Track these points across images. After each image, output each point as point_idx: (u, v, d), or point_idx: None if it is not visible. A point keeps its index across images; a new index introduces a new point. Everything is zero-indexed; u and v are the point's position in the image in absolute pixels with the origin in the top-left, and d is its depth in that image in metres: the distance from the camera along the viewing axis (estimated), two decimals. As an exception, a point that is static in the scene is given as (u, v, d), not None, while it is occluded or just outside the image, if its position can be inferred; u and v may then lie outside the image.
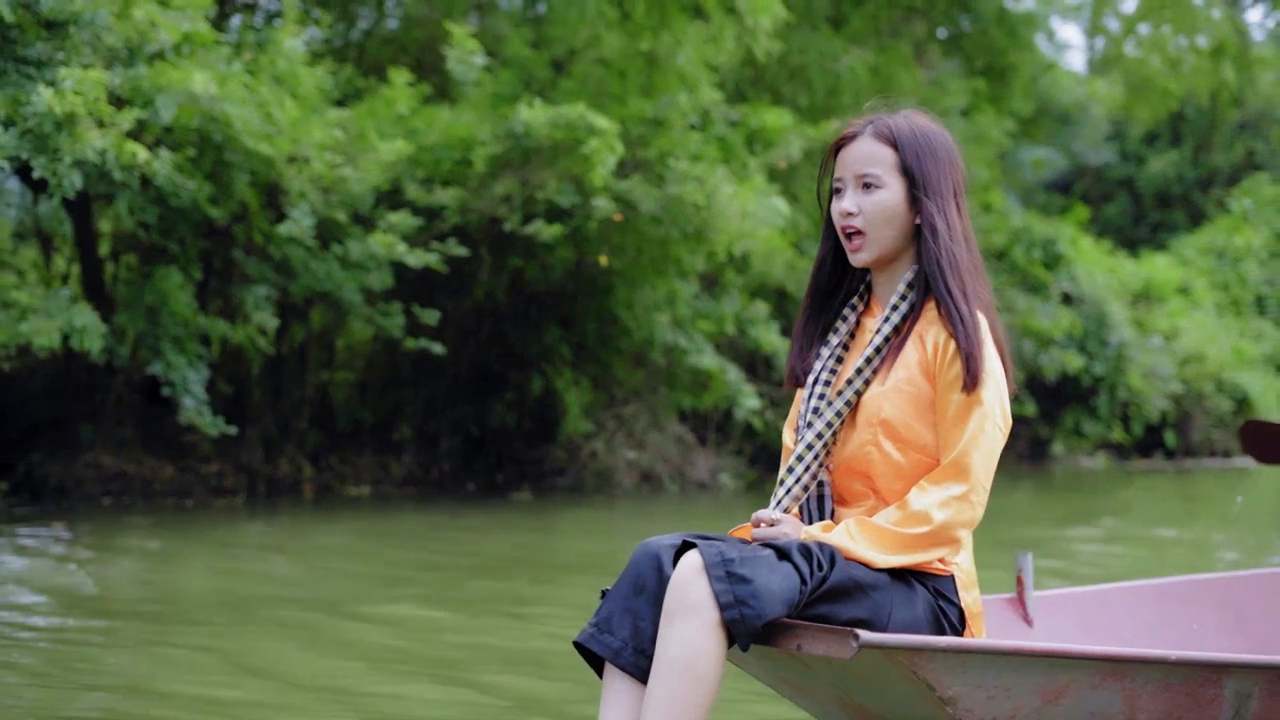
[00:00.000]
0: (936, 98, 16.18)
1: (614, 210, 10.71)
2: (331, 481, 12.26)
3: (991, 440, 2.85)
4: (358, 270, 10.38)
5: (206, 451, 11.63)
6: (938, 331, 2.90)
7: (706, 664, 2.64)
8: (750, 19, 11.34)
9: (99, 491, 11.09)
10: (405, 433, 12.83)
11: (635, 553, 2.81)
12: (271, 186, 10.36)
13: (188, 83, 8.86)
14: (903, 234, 2.96)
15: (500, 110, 11.04)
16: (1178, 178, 30.12)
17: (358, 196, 10.43)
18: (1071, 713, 2.82)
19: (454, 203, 10.77)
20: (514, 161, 10.86)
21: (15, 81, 8.64)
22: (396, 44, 13.81)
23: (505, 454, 13.31)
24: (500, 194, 10.82)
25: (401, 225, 10.42)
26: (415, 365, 12.66)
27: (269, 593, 6.69)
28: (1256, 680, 2.94)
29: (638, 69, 12.34)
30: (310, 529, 9.72)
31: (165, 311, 9.92)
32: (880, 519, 2.84)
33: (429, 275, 11.37)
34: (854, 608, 2.77)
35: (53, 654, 5.05)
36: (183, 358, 9.90)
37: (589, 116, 10.50)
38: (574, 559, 8.40)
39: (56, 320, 8.92)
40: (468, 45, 11.05)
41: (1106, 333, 18.42)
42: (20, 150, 8.27)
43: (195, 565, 7.60)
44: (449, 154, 10.86)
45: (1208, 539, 9.53)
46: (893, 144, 2.93)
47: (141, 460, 11.57)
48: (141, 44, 9.21)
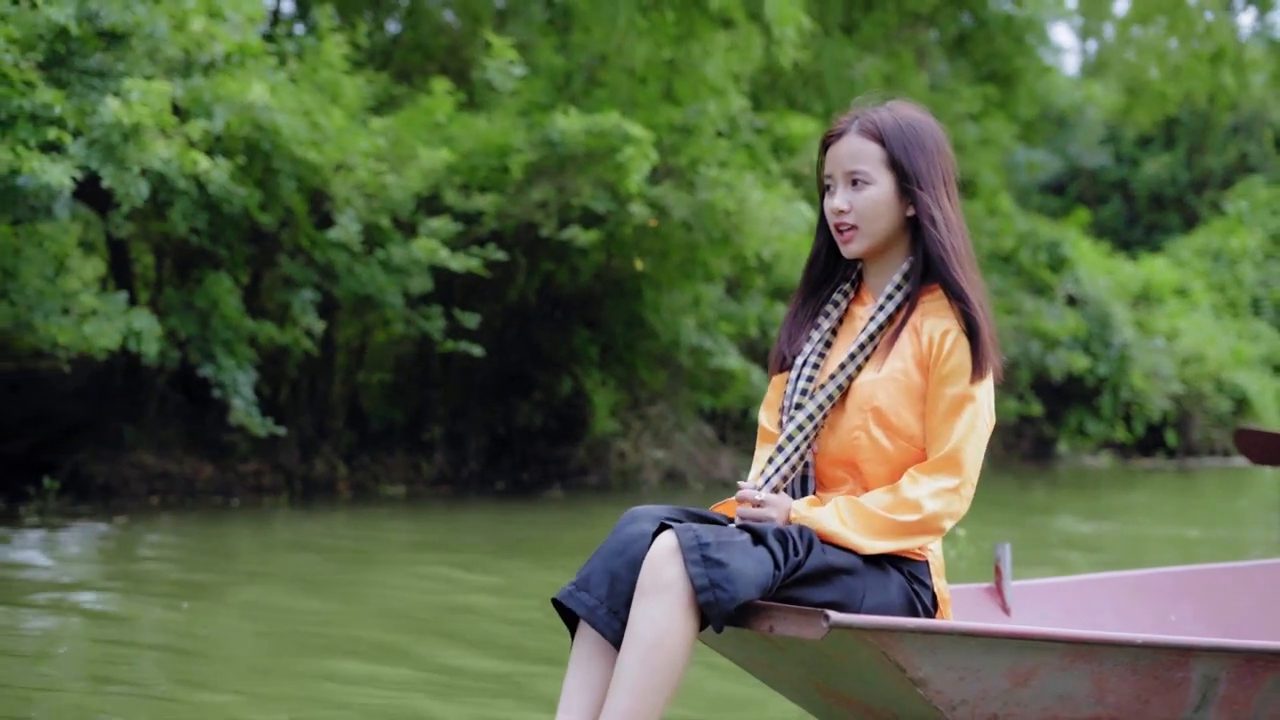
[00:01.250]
0: (946, 104, 16.52)
1: (650, 216, 11.01)
2: (366, 481, 12.53)
3: (982, 436, 2.91)
4: (400, 274, 10.65)
5: (245, 451, 11.89)
6: (934, 324, 2.94)
7: (675, 642, 2.68)
8: (777, 29, 11.65)
9: (144, 490, 11.35)
10: (435, 433, 13.11)
11: (622, 518, 2.87)
12: (316, 193, 10.64)
13: (245, 93, 9.13)
14: (894, 225, 2.99)
15: (537, 118, 11.32)
16: (1171, 180, 30.55)
17: (399, 203, 10.71)
18: (1041, 694, 2.85)
19: (492, 208, 11.06)
20: (550, 168, 11.15)
21: (80, 93, 8.91)
22: (423, 51, 14.08)
23: (530, 453, 13.60)
24: (537, 200, 11.11)
25: (442, 231, 10.71)
26: (445, 366, 12.94)
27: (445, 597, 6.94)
28: (1223, 664, 2.97)
29: (659, 76, 12.64)
30: (394, 525, 10.01)
31: (215, 315, 10.19)
32: (870, 502, 2.88)
33: (463, 279, 11.65)
34: (828, 591, 2.81)
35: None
36: (232, 360, 10.16)
37: (624, 125, 10.79)
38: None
39: (117, 324, 9.18)
40: (507, 55, 11.32)
41: (1110, 334, 18.78)
42: (89, 160, 8.53)
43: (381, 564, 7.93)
44: (486, 161, 11.13)
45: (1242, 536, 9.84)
46: (879, 139, 2.96)
47: (183, 460, 11.84)
48: (197, 55, 9.47)
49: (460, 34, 14.19)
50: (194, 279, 10.42)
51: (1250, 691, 3.02)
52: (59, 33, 8.82)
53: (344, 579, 7.20)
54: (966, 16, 18.37)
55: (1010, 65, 18.21)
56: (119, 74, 9.12)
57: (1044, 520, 11.11)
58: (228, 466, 11.91)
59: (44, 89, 8.48)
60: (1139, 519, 11.70)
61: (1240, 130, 30.39)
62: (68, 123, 8.56)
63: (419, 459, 13.07)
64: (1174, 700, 2.96)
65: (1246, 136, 30.35)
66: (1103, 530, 10.41)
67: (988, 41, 18.26)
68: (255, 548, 8.70)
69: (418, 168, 10.58)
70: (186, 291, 10.32)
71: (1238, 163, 30.27)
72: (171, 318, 10.22)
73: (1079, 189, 31.27)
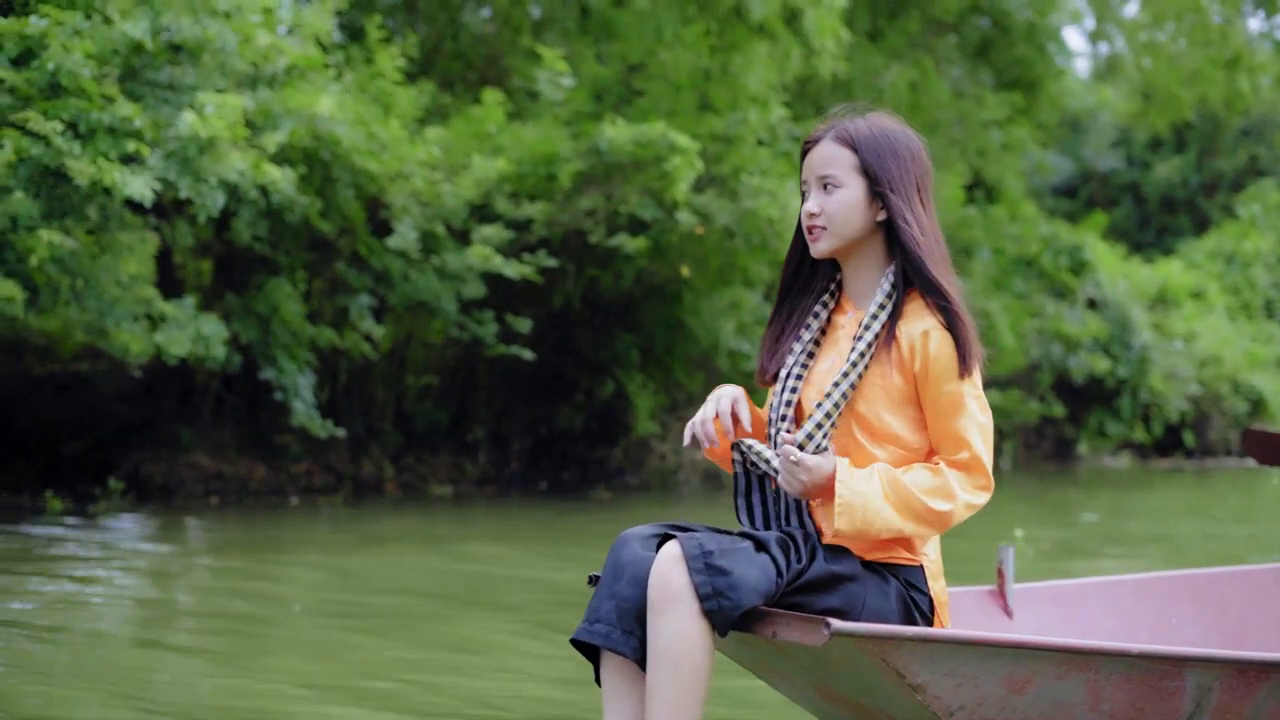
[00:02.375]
0: (973, 110, 16.80)
1: (696, 223, 11.29)
2: (413, 481, 12.82)
3: (988, 429, 2.95)
4: (454, 280, 10.94)
5: (297, 452, 12.18)
6: (912, 326, 2.97)
7: (696, 649, 2.75)
8: (817, 40, 11.93)
9: (200, 491, 11.63)
10: (478, 434, 13.40)
11: (613, 545, 2.93)
12: (371, 200, 10.92)
13: (314, 106, 9.41)
14: (864, 228, 3.03)
15: (585, 128, 11.61)
16: (1182, 183, 30.83)
17: (452, 211, 10.99)
18: (1037, 702, 2.90)
19: (541, 216, 11.34)
20: (597, 177, 11.43)
21: (152, 106, 9.20)
22: (464, 60, 14.35)
23: (569, 454, 13.89)
24: (585, 208, 11.39)
25: (494, 238, 10.99)
26: (489, 369, 13.22)
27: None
28: (1216, 673, 3.01)
29: (693, 85, 12.92)
30: (482, 522, 10.33)
31: (276, 320, 10.47)
32: (910, 481, 2.91)
33: (509, 285, 11.93)
34: (830, 598, 2.87)
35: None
36: (293, 364, 10.45)
37: (670, 134, 11.08)
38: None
39: (187, 330, 9.46)
40: (557, 66, 11.60)
41: (1129, 336, 19.07)
42: (166, 172, 8.81)
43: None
44: (535, 170, 11.41)
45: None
46: (852, 146, 3.01)
47: (236, 461, 12.13)
48: (263, 68, 9.75)
49: (498, 43, 14.45)
50: (254, 285, 10.70)
51: (1243, 701, 3.06)
52: (134, 47, 9.11)
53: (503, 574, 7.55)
54: (985, 22, 18.66)
55: (1032, 72, 18.48)
56: (189, 87, 9.40)
57: (1090, 518, 11.39)
58: (280, 467, 12.19)
59: (123, 103, 8.77)
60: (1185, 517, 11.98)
61: (1250, 133, 30.68)
62: (145, 135, 8.84)
63: (463, 459, 13.36)
64: (1168, 708, 2.99)
65: (1257, 139, 30.64)
66: (1150, 528, 10.69)
67: (1009, 48, 18.54)
68: (356, 542, 8.99)
69: (471, 177, 10.86)
70: (248, 297, 10.59)
71: (1248, 166, 30.56)
72: (234, 323, 10.50)
73: (1090, 192, 31.55)
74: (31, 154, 8.54)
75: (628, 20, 13.15)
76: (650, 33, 12.12)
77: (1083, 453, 19.73)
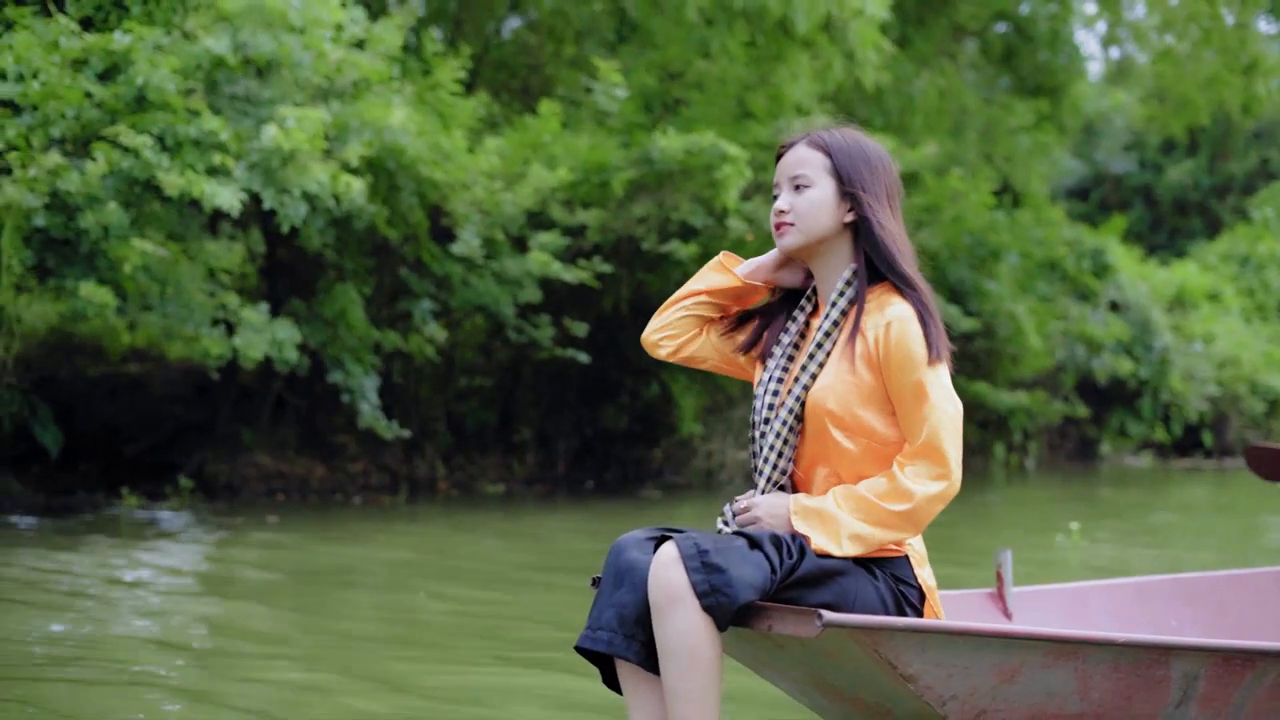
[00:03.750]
0: (1000, 117, 17.15)
1: (747, 230, 11.65)
2: (465, 480, 13.18)
3: (953, 418, 2.97)
4: (512, 285, 11.29)
5: (354, 452, 12.54)
6: (876, 320, 3.03)
7: (703, 644, 2.83)
8: (859, 52, 12.29)
9: (263, 490, 11.98)
10: (525, 435, 13.76)
11: (610, 552, 3.00)
12: (433, 208, 11.28)
13: (387, 118, 9.76)
14: (832, 228, 3.09)
15: (637, 137, 11.96)
16: (1194, 185, 31.21)
17: (510, 218, 11.34)
18: (1027, 690, 2.94)
19: (595, 223, 11.70)
20: (649, 185, 11.79)
21: (233, 119, 9.55)
22: (507, 69, 14.71)
23: (612, 454, 14.25)
24: (638, 215, 11.75)
25: (551, 244, 11.35)
26: (536, 371, 13.58)
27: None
28: (1202, 662, 3.07)
29: (731, 94, 13.28)
30: (564, 519, 10.69)
31: (342, 324, 10.83)
32: (867, 490, 2.98)
33: (562, 289, 12.28)
34: (822, 593, 2.93)
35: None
36: (359, 367, 10.80)
37: (720, 144, 11.43)
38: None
39: (264, 335, 9.80)
40: (613, 79, 11.96)
41: (1150, 338, 19.44)
42: (250, 183, 9.17)
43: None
44: (590, 178, 11.77)
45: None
46: (825, 150, 3.09)
47: (295, 461, 12.49)
48: (336, 81, 10.11)
49: (541, 53, 14.81)
50: (321, 290, 11.05)
51: (1229, 689, 3.12)
52: (217, 63, 9.47)
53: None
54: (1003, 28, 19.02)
55: (1055, 78, 18.85)
56: (265, 100, 9.76)
57: (1142, 515, 11.75)
58: (337, 467, 12.55)
59: (209, 116, 9.12)
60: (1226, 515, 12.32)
61: (1261, 136, 31.05)
62: (229, 148, 9.19)
63: (511, 459, 13.73)
64: (1155, 697, 3.05)
65: (1268, 142, 31.01)
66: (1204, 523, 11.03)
67: (1032, 55, 18.90)
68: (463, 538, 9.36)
69: (530, 185, 11.21)
70: (316, 303, 10.94)
71: (1259, 168, 30.93)
72: (301, 327, 10.85)
73: (1103, 194, 31.92)
74: (122, 166, 8.90)
75: (667, 30, 13.52)
76: (696, 45, 12.46)
77: (1105, 452, 20.10)
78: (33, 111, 9.03)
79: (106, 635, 5.46)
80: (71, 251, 9.06)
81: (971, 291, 16.27)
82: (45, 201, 8.74)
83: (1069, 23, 19.17)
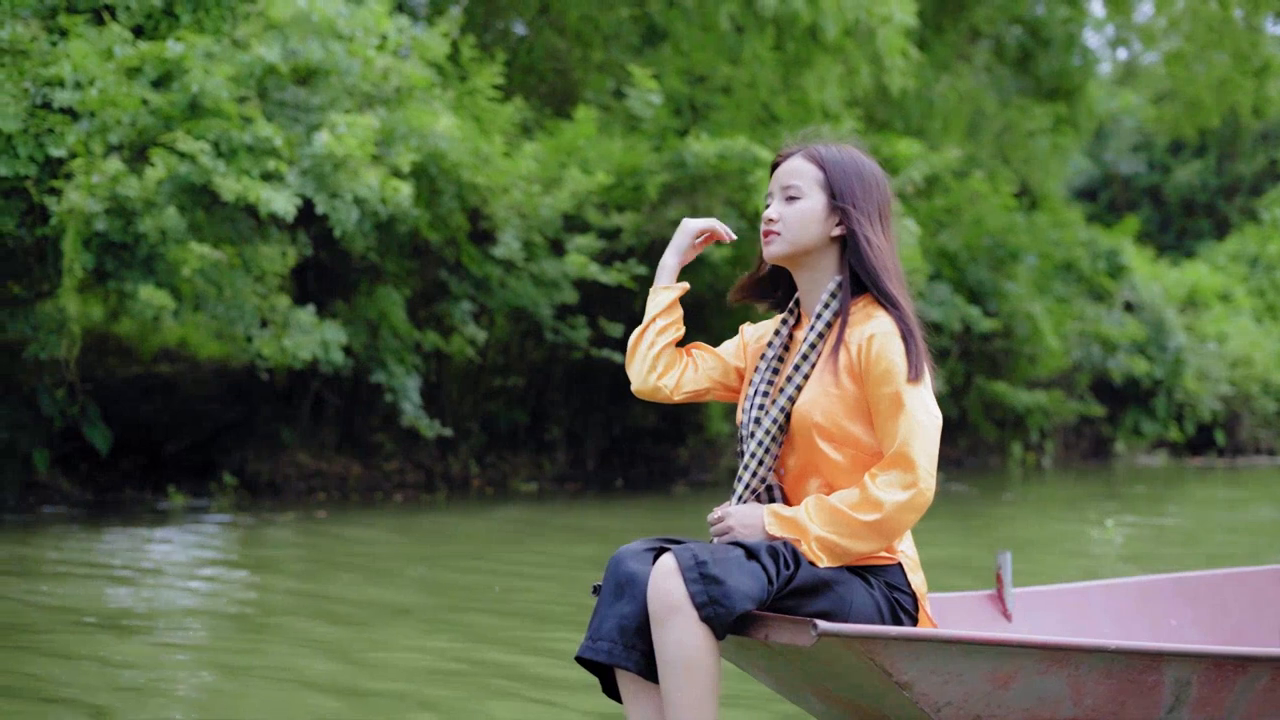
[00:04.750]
0: (1018, 120, 17.38)
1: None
2: (498, 478, 13.41)
3: (928, 429, 3.00)
4: (550, 287, 11.52)
5: (390, 450, 12.77)
6: (859, 333, 3.08)
7: (703, 654, 2.87)
8: (887, 59, 12.53)
9: (303, 488, 12.21)
10: (555, 433, 13.99)
11: (609, 563, 3.05)
12: (473, 212, 11.51)
13: (434, 124, 9.99)
14: (819, 240, 3.14)
15: (668, 141, 12.19)
16: (1202, 186, 31.47)
17: (546, 221, 11.57)
18: (1021, 697, 2.97)
19: (630, 226, 11.93)
20: (682, 188, 12.02)
21: (284, 125, 9.78)
22: (536, 74, 14.93)
23: (639, 452, 14.49)
24: (671, 218, 11.98)
25: (588, 247, 11.58)
26: (566, 371, 13.81)
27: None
28: (1194, 668, 3.09)
29: (756, 99, 13.51)
30: (625, 515, 10.93)
31: (385, 326, 11.05)
32: (838, 500, 3.03)
33: (595, 290, 12.51)
34: (819, 602, 2.98)
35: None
36: (401, 367, 11.03)
37: (752, 148, 11.66)
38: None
39: (313, 336, 10.03)
40: (648, 85, 12.19)
41: (1165, 338, 19.68)
42: (303, 188, 9.40)
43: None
44: (624, 182, 12.00)
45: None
46: (819, 163, 3.15)
47: (333, 459, 12.72)
48: (382, 88, 10.33)
49: (570, 58, 15.03)
50: (362, 292, 11.28)
51: (1222, 694, 3.15)
52: (268, 71, 9.69)
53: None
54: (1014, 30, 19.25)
55: (1070, 81, 19.08)
56: (313, 107, 9.98)
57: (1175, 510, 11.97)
58: (373, 465, 12.79)
59: (262, 123, 9.35)
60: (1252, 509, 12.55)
61: (1269, 137, 31.29)
62: (282, 154, 9.42)
63: (541, 458, 13.96)
64: (1149, 703, 3.08)
65: (1275, 143, 31.25)
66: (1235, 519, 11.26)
67: (1048, 59, 19.13)
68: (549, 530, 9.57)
69: (568, 189, 11.44)
70: (357, 304, 11.17)
71: (1266, 169, 31.18)
72: (346, 328, 11.07)
73: (1112, 195, 32.16)
74: (179, 172, 9.13)
75: (693, 35, 13.75)
76: (726, 51, 12.69)
77: (1119, 451, 20.35)
78: (90, 118, 9.25)
79: (213, 610, 5.70)
80: (129, 255, 9.29)
81: (991, 292, 16.50)
82: (106, 206, 8.96)
83: (1082, 25, 19.40)
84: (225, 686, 4.51)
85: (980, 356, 17.02)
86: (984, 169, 16.94)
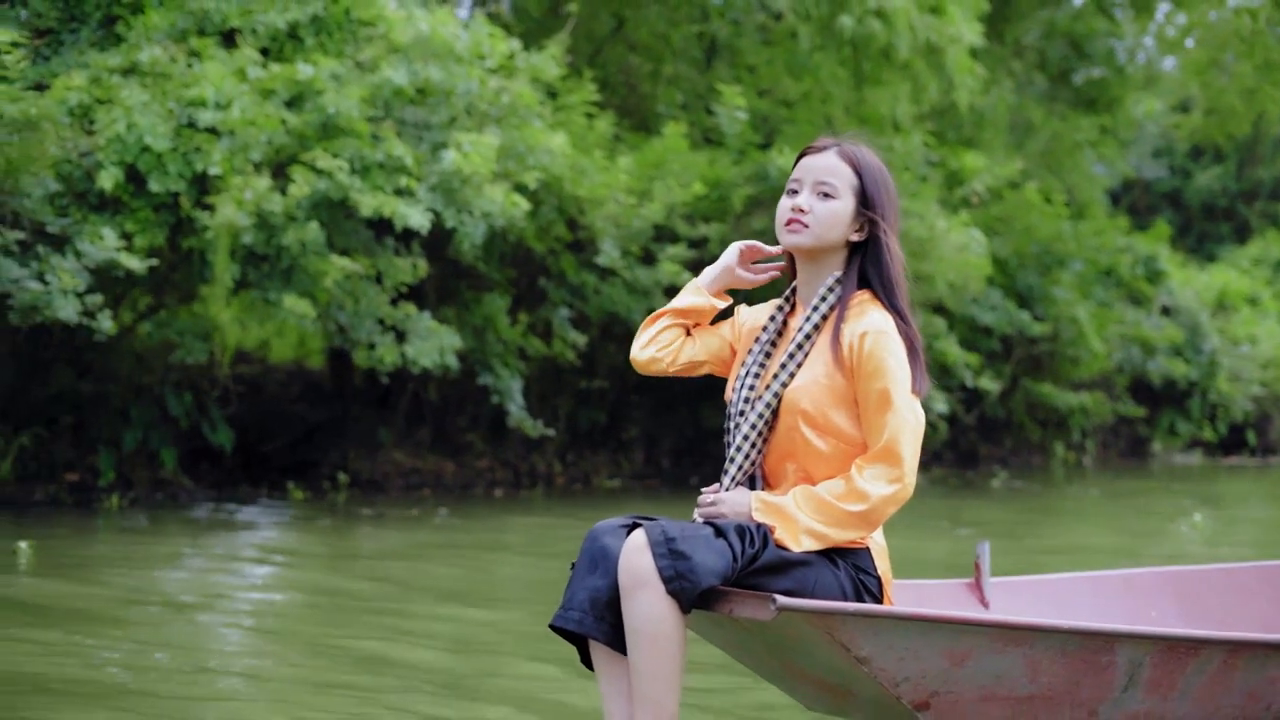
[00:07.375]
0: (1064, 131, 17.99)
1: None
2: (580, 475, 14.03)
3: (914, 427, 3.14)
4: (642, 295, 12.13)
5: (480, 449, 13.38)
6: (853, 328, 3.20)
7: (669, 627, 3.02)
8: (956, 77, 13.15)
9: (401, 485, 12.81)
10: (633, 433, 14.61)
11: (586, 537, 3.20)
12: (570, 222, 12.11)
13: (549, 142, 10.60)
14: (838, 241, 3.28)
15: (751, 155, 12.80)
16: (1222, 191, 32.06)
17: (639, 231, 12.18)
18: (977, 674, 3.06)
19: (716, 236, 12.54)
20: (766, 200, 12.62)
21: (410, 143, 10.38)
22: (608, 89, 15.52)
23: (710, 451, 15.10)
24: (755, 229, 12.58)
25: (678, 256, 12.19)
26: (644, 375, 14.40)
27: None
28: (1147, 649, 3.19)
29: (828, 114, 14.10)
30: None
31: (490, 331, 11.66)
32: (824, 490, 3.16)
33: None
34: (783, 580, 3.11)
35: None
36: (507, 370, 11.63)
37: (832, 162, 12.26)
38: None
39: (431, 342, 10.62)
40: (736, 102, 12.78)
41: (1200, 341, 20.32)
42: (433, 204, 9.99)
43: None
44: (710, 194, 12.61)
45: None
46: (855, 167, 3.27)
47: (426, 457, 13.33)
48: (495, 106, 10.92)
49: (638, 73, 15.63)
50: (469, 299, 11.87)
51: (1175, 675, 3.24)
52: (396, 92, 10.30)
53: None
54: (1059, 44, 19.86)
55: (1110, 92, 19.70)
56: (434, 125, 10.58)
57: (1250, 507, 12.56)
58: (465, 463, 13.39)
59: (394, 141, 9.95)
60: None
61: (1288, 142, 31.88)
62: (412, 171, 10.02)
63: (619, 456, 14.58)
64: (1103, 681, 3.17)
65: (1294, 149, 31.86)
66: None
67: (1087, 69, 19.75)
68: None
69: (661, 200, 12.04)
70: (464, 311, 11.77)
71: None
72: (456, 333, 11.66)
73: (1132, 200, 32.75)
74: (318, 188, 9.72)
75: (757, 50, 14.35)
76: (796, 68, 13.29)
77: (1156, 450, 21.01)
78: (231, 136, 9.84)
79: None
80: (269, 266, 9.88)
81: (1039, 298, 17.11)
82: (253, 221, 9.56)
83: (1121, 38, 20.00)
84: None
85: (1027, 359, 17.62)
86: (1033, 179, 17.54)
